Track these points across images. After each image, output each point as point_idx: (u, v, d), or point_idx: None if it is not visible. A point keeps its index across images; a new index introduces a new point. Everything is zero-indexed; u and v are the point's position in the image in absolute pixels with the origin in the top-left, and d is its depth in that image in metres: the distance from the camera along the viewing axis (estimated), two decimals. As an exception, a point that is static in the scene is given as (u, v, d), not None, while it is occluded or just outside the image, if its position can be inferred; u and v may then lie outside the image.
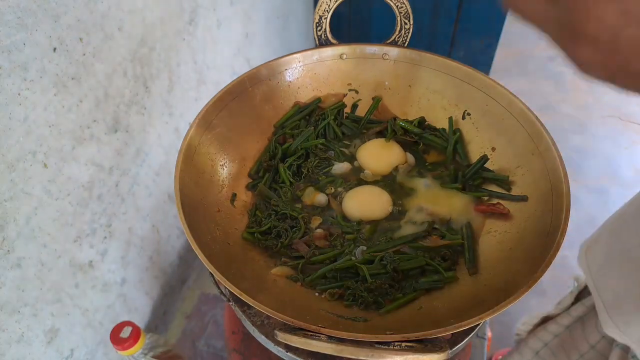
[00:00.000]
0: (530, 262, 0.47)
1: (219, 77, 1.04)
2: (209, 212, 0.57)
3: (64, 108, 0.62)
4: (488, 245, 0.56)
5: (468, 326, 0.42)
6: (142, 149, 0.83)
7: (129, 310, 0.88)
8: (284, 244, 0.57)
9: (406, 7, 0.65)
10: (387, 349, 0.41)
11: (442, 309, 0.50)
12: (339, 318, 0.49)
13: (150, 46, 0.78)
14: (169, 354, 0.72)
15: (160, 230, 0.94)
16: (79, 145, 0.66)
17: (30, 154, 0.58)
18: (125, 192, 0.80)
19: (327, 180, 0.64)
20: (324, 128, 0.69)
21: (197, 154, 0.58)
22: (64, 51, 0.60)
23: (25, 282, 0.62)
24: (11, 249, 0.58)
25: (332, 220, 0.60)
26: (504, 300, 0.43)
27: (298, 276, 0.55)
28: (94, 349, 0.79)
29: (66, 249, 0.68)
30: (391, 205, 0.61)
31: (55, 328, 0.69)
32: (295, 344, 0.42)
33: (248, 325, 0.50)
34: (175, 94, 0.89)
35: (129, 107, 0.76)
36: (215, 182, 0.61)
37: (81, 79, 0.64)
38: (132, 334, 0.62)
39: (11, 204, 0.57)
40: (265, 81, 0.67)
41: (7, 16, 0.51)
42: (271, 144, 0.66)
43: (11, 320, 0.60)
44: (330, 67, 0.69)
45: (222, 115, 0.62)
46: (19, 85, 0.55)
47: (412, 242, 0.57)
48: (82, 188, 0.69)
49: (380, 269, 0.54)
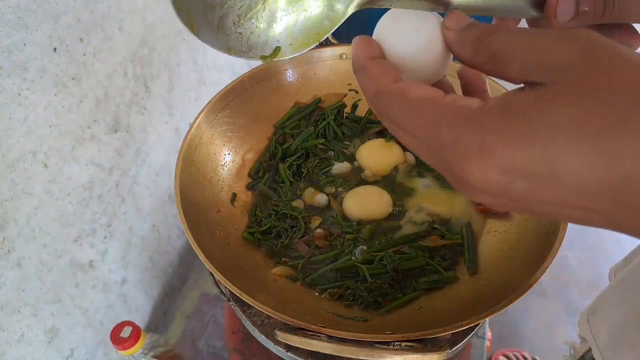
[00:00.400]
0: (530, 262, 0.47)
1: (219, 78, 1.04)
2: (209, 212, 0.57)
3: (64, 108, 0.62)
4: (488, 245, 0.56)
5: (468, 326, 0.42)
6: (142, 149, 0.83)
7: (129, 310, 0.88)
8: (284, 244, 0.57)
9: (406, 7, 0.65)
10: (387, 348, 0.41)
11: (442, 309, 0.50)
12: (339, 318, 0.49)
13: (150, 46, 0.78)
14: (169, 354, 0.72)
15: (160, 230, 0.94)
16: (79, 145, 0.66)
17: (30, 154, 0.58)
18: (126, 192, 0.81)
19: (327, 180, 0.64)
20: (324, 128, 0.69)
21: (198, 154, 0.58)
22: (64, 51, 0.60)
23: (25, 282, 0.62)
24: (11, 248, 0.58)
25: (332, 220, 0.60)
26: (504, 300, 0.43)
27: (298, 276, 0.55)
28: (94, 349, 0.79)
29: (66, 249, 0.68)
30: (391, 206, 0.61)
31: (55, 328, 0.69)
32: (295, 344, 0.42)
33: (248, 325, 0.50)
34: (175, 94, 0.89)
35: (129, 107, 0.76)
36: (216, 182, 0.61)
37: (81, 79, 0.64)
38: (133, 333, 0.62)
39: (11, 204, 0.57)
40: (265, 81, 0.67)
41: (7, 16, 0.51)
42: (271, 144, 0.66)
43: (11, 320, 0.60)
44: (330, 67, 0.69)
45: (223, 115, 0.62)
46: (19, 85, 0.55)
47: (412, 242, 0.57)
48: (83, 188, 0.69)
49: (380, 269, 0.54)
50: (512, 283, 0.46)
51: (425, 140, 0.24)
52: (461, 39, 0.27)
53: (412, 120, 0.24)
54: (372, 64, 0.27)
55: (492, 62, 0.25)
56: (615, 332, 0.51)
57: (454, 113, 0.23)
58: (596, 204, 0.20)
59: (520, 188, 0.21)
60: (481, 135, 0.22)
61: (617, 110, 0.19)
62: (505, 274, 0.50)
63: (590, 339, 0.54)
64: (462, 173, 0.23)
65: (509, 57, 0.24)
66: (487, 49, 0.25)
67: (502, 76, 0.24)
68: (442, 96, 0.24)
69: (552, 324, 1.16)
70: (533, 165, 0.21)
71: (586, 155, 0.20)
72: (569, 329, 1.14)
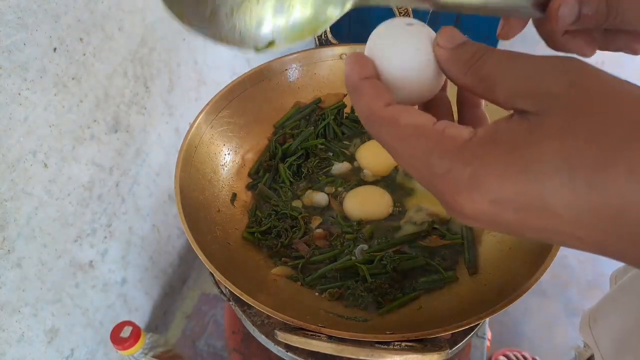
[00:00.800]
0: (530, 262, 0.47)
1: (219, 78, 1.04)
2: (209, 212, 0.57)
3: (64, 108, 0.62)
4: (488, 245, 0.56)
5: (468, 326, 0.42)
6: (142, 149, 0.83)
7: (129, 310, 0.88)
8: (284, 244, 0.57)
9: (406, 8, 0.65)
10: (387, 348, 0.41)
11: (442, 309, 0.50)
12: (339, 318, 0.49)
13: (150, 46, 0.78)
14: (169, 353, 0.72)
15: (160, 230, 0.94)
16: (79, 145, 0.66)
17: (30, 154, 0.58)
18: (126, 192, 0.81)
19: (327, 180, 0.64)
20: (324, 128, 0.69)
21: (198, 154, 0.58)
22: (64, 51, 0.60)
23: (25, 282, 0.62)
24: (12, 248, 0.58)
25: (332, 220, 0.60)
26: (503, 300, 0.43)
27: (298, 276, 0.55)
28: (94, 349, 0.79)
29: (66, 249, 0.68)
30: (392, 206, 0.61)
31: (55, 328, 0.69)
32: (295, 344, 0.42)
33: (248, 325, 0.50)
34: (175, 94, 0.89)
35: (129, 107, 0.76)
36: (216, 182, 0.61)
37: (81, 79, 0.64)
38: (133, 333, 0.62)
39: (11, 204, 0.57)
40: (265, 81, 0.67)
41: (7, 16, 0.51)
42: (271, 144, 0.66)
43: (11, 320, 0.60)
44: (330, 67, 0.69)
45: (223, 115, 0.62)
46: (20, 85, 0.55)
47: (412, 242, 0.57)
48: (83, 188, 0.69)
49: (380, 268, 0.54)
50: (512, 283, 0.46)
51: (417, 168, 0.24)
52: (452, 58, 0.27)
53: (404, 148, 0.25)
54: (365, 86, 0.27)
55: (481, 84, 0.25)
56: (618, 340, 0.51)
57: (444, 143, 0.23)
58: (589, 234, 0.21)
59: (510, 218, 0.22)
60: (472, 168, 0.22)
61: (608, 145, 0.19)
62: (505, 274, 0.50)
63: (593, 346, 0.54)
64: (453, 203, 0.23)
65: (498, 82, 0.24)
66: (478, 70, 0.25)
67: (491, 100, 0.24)
68: (433, 123, 0.24)
69: (552, 324, 1.16)
70: (523, 198, 0.21)
71: (577, 189, 0.20)
72: (569, 329, 1.14)
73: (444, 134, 0.23)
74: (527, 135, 0.21)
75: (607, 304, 0.56)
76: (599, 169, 0.19)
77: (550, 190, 0.20)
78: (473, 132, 0.23)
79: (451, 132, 0.23)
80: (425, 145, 0.24)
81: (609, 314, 0.54)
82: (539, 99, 0.22)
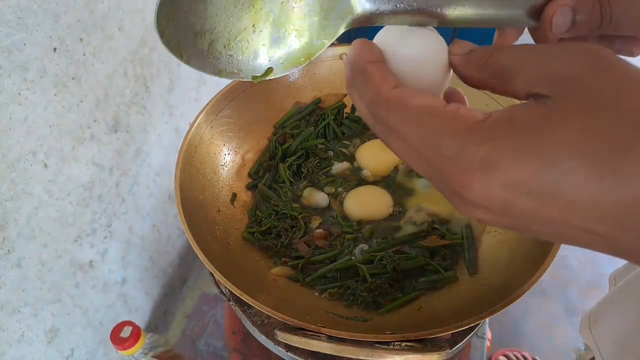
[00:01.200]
0: (530, 262, 0.47)
1: (219, 78, 1.04)
2: (209, 212, 0.57)
3: (64, 108, 0.62)
4: (488, 245, 0.56)
5: (468, 326, 0.42)
6: (142, 149, 0.83)
7: (129, 310, 0.88)
8: (284, 244, 0.57)
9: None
10: (387, 348, 0.41)
11: (442, 309, 0.50)
12: (339, 318, 0.49)
13: (150, 46, 0.78)
14: (169, 353, 0.72)
15: (160, 230, 0.94)
16: (79, 145, 0.66)
17: (30, 154, 0.58)
18: (126, 192, 0.81)
19: (327, 180, 0.64)
20: (324, 128, 0.69)
21: (198, 154, 0.58)
22: (64, 51, 0.60)
23: (25, 282, 0.62)
24: (12, 248, 0.58)
25: (332, 220, 0.60)
26: (503, 300, 0.43)
27: (298, 276, 0.55)
28: (94, 349, 0.79)
29: (66, 249, 0.68)
30: (392, 206, 0.61)
31: (55, 328, 0.69)
32: (295, 344, 0.42)
33: (248, 325, 0.50)
34: (175, 94, 0.89)
35: (129, 107, 0.76)
36: (216, 182, 0.61)
37: (81, 79, 0.64)
38: (133, 333, 0.62)
39: (12, 204, 0.57)
40: (265, 81, 0.67)
41: (7, 16, 0.51)
42: (271, 144, 0.66)
43: (11, 320, 0.61)
44: (330, 67, 0.69)
45: (222, 115, 0.62)
46: (20, 85, 0.55)
47: (412, 242, 0.57)
48: (83, 188, 0.69)
49: (380, 268, 0.54)
50: (512, 283, 0.46)
51: (424, 151, 0.23)
52: (466, 60, 0.27)
53: (412, 130, 0.24)
54: (373, 68, 0.27)
55: (497, 76, 0.25)
56: (619, 341, 0.50)
57: (457, 124, 0.22)
58: (601, 227, 0.20)
59: (523, 205, 0.21)
60: (486, 148, 0.21)
61: (628, 132, 0.19)
62: (505, 274, 0.50)
63: (594, 347, 0.53)
64: (462, 187, 0.22)
65: (516, 70, 0.23)
66: (493, 64, 0.25)
67: (508, 90, 0.24)
68: (444, 105, 0.23)
69: (552, 324, 1.16)
70: (538, 182, 0.20)
71: (594, 176, 0.19)
72: (569, 329, 1.14)
73: (457, 114, 0.23)
74: (544, 118, 0.20)
75: (607, 305, 0.55)
76: (618, 157, 0.19)
77: (567, 176, 0.19)
78: (487, 114, 0.22)
79: (464, 113, 0.22)
80: (435, 125, 0.23)
81: (609, 315, 0.53)
82: (557, 81, 0.21)
